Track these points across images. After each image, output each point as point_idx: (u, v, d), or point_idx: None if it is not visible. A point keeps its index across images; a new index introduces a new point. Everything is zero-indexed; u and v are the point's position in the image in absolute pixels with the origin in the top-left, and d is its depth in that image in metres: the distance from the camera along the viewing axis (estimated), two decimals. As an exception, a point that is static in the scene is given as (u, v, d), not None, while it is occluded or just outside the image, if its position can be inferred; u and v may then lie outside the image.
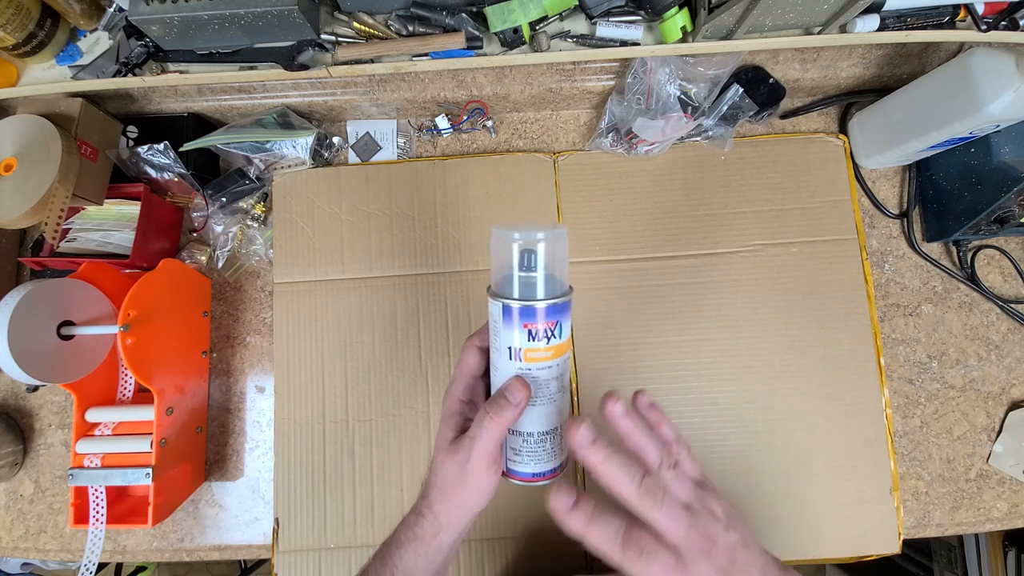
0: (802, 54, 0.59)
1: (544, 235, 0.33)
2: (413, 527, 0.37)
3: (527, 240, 0.33)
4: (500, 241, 0.34)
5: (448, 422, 0.37)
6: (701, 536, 0.30)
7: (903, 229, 0.63)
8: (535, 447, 0.35)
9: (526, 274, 0.33)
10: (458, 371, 0.38)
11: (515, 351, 0.33)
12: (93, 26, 0.53)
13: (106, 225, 0.59)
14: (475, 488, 0.35)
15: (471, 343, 0.38)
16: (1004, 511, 0.58)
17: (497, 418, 0.33)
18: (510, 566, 0.57)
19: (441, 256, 0.62)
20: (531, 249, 0.33)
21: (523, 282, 0.33)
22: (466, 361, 0.37)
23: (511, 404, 0.33)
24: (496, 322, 0.34)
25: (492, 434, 0.33)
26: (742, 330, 0.60)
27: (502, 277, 0.34)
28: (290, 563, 0.57)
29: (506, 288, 0.34)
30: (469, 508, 0.36)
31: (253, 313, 0.65)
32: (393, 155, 0.66)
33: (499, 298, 0.33)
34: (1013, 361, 0.61)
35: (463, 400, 0.37)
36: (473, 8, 0.49)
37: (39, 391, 0.64)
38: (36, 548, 0.61)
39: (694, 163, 0.63)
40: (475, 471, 0.34)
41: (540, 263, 0.33)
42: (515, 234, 0.33)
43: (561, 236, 0.34)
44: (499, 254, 0.34)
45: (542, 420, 0.35)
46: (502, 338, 0.34)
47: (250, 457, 0.62)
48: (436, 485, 0.36)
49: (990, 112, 0.47)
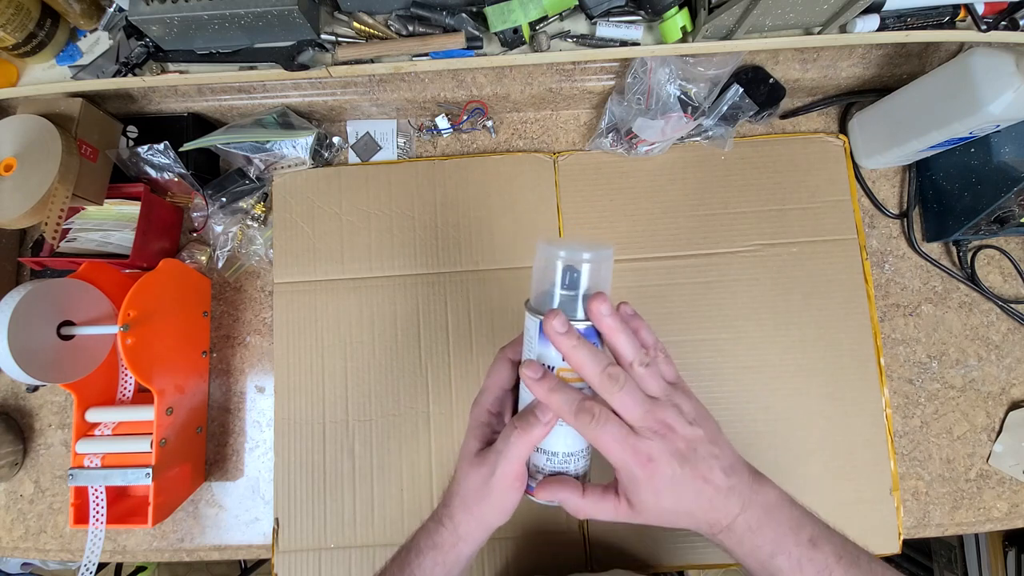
0: (802, 54, 0.59)
1: (591, 255, 0.32)
2: (433, 535, 0.36)
3: (573, 258, 0.32)
4: (544, 256, 0.33)
5: (475, 432, 0.37)
6: (657, 421, 0.31)
7: (903, 229, 0.63)
8: (559, 467, 0.35)
9: (567, 292, 0.32)
10: (488, 382, 0.37)
11: (548, 369, 0.33)
12: (93, 26, 0.53)
13: (106, 225, 0.59)
14: (498, 503, 0.34)
15: (504, 355, 0.37)
16: (1004, 511, 0.58)
17: (525, 435, 0.33)
18: (510, 566, 0.57)
19: (441, 256, 0.62)
20: (575, 268, 0.32)
21: (564, 300, 0.32)
22: (497, 373, 0.37)
23: (540, 422, 0.32)
24: (531, 338, 0.33)
25: (519, 451, 0.33)
26: (742, 330, 0.60)
27: (542, 292, 0.33)
28: (290, 563, 0.57)
29: (546, 305, 0.33)
30: (490, 522, 0.36)
31: (253, 313, 0.65)
32: (393, 155, 0.66)
33: (537, 315, 0.32)
34: (1013, 361, 0.61)
35: (491, 412, 0.37)
36: (473, 8, 0.49)
37: (39, 391, 0.64)
38: (36, 548, 0.61)
39: (694, 163, 0.63)
40: (499, 486, 0.34)
41: (584, 283, 0.32)
42: (561, 251, 0.32)
43: (607, 257, 0.33)
44: (541, 269, 0.33)
45: (568, 440, 0.34)
46: (536, 354, 0.33)
47: (250, 457, 0.62)
48: (459, 495, 0.36)
49: (990, 112, 0.47)
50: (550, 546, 0.57)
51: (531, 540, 0.57)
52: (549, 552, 0.57)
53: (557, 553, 0.57)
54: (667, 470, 0.31)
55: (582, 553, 0.57)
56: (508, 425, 0.34)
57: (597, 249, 0.32)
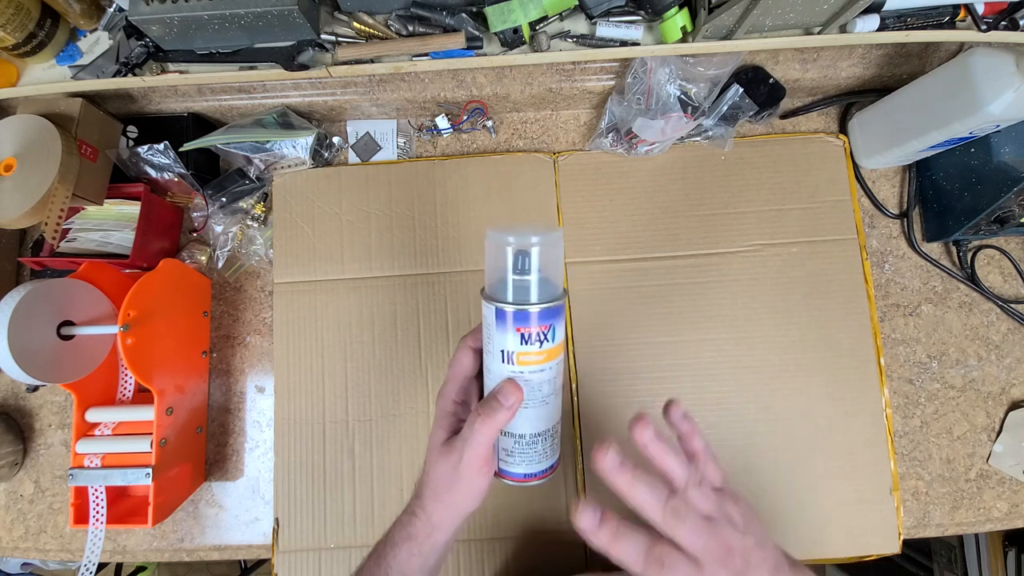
0: (802, 54, 0.59)
1: (539, 239, 0.32)
2: (407, 527, 0.37)
3: (522, 243, 0.32)
4: (494, 243, 0.33)
5: (441, 423, 0.37)
6: (719, 546, 0.31)
7: (903, 229, 0.63)
8: (527, 448, 0.35)
9: (520, 277, 0.33)
10: (451, 372, 0.38)
11: (508, 354, 0.33)
12: (93, 26, 0.53)
13: (106, 225, 0.59)
14: (467, 489, 0.35)
15: (465, 344, 0.38)
16: (1004, 511, 0.58)
17: (489, 420, 0.33)
18: (510, 566, 0.57)
19: (441, 256, 0.62)
20: (526, 252, 0.32)
21: (517, 285, 0.33)
22: (460, 362, 0.38)
23: (503, 407, 0.33)
24: (489, 325, 0.34)
25: (484, 437, 0.34)
26: (742, 330, 0.60)
27: (496, 280, 0.34)
28: (290, 563, 0.57)
29: (500, 291, 0.33)
30: (461, 508, 0.36)
31: (253, 313, 0.65)
32: (393, 155, 0.66)
33: (493, 301, 0.33)
34: (1013, 361, 0.61)
35: (456, 401, 0.37)
36: (473, 8, 0.49)
37: (39, 391, 0.64)
38: (36, 548, 0.61)
39: (694, 163, 0.63)
40: (467, 472, 0.35)
41: (534, 267, 0.32)
42: (510, 237, 0.32)
43: (556, 240, 0.33)
44: (493, 256, 0.34)
45: (534, 422, 0.35)
46: (495, 341, 0.34)
47: (250, 457, 0.62)
48: (429, 485, 0.36)
49: (990, 112, 0.47)
50: (549, 547, 0.57)
51: (530, 540, 0.57)
52: (548, 552, 0.57)
53: (556, 553, 0.57)
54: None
55: (582, 554, 0.57)
56: (473, 412, 0.34)
57: (546, 232, 0.32)
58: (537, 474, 0.36)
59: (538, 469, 0.36)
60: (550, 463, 0.37)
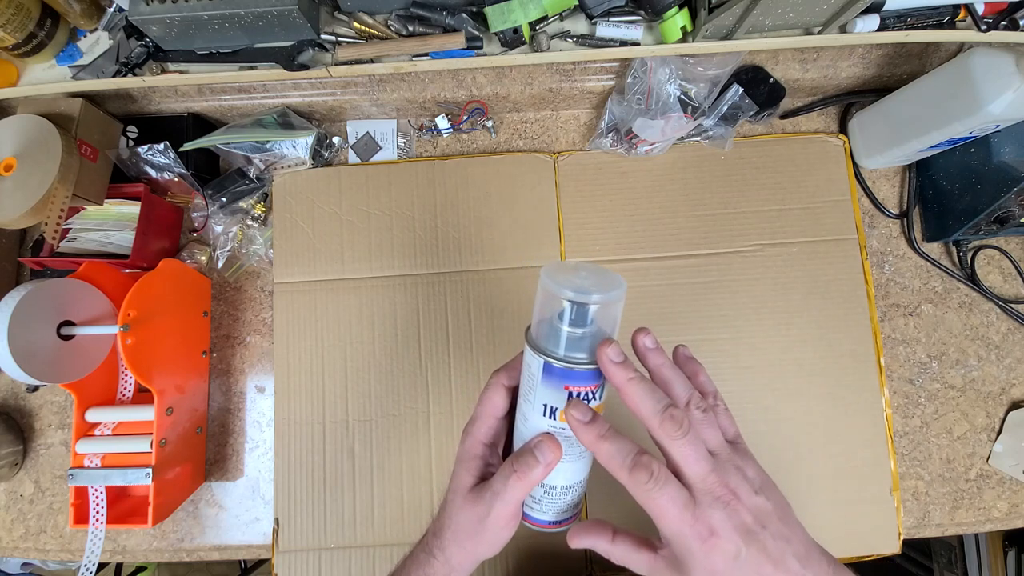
0: (802, 54, 0.59)
1: (601, 296, 0.29)
2: (424, 566, 0.35)
3: (583, 298, 0.28)
4: (550, 288, 0.29)
5: (467, 465, 0.35)
6: (721, 485, 0.27)
7: (903, 229, 0.63)
8: (556, 499, 0.34)
9: (574, 330, 0.29)
10: (481, 409, 0.35)
11: (551, 409, 0.30)
12: (93, 26, 0.53)
13: (106, 225, 0.59)
14: (491, 539, 0.33)
15: (498, 381, 0.35)
16: (1004, 511, 0.58)
17: (524, 478, 0.31)
18: (510, 568, 0.57)
19: (441, 256, 0.62)
20: (585, 305, 0.29)
21: (570, 338, 0.29)
22: (491, 400, 0.34)
23: (540, 464, 0.31)
24: (533, 376, 0.30)
25: (517, 493, 0.31)
26: (742, 330, 0.60)
27: (547, 327, 0.30)
28: (290, 563, 0.57)
29: (550, 341, 0.30)
30: (480, 556, 0.35)
31: (253, 313, 0.65)
32: (393, 155, 0.66)
33: (541, 353, 0.29)
34: (1013, 361, 0.61)
35: (485, 443, 0.35)
36: (473, 8, 0.49)
37: (39, 391, 0.64)
38: (36, 548, 0.61)
39: (694, 163, 0.63)
40: (494, 526, 0.33)
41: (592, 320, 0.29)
42: (568, 291, 0.28)
43: (620, 296, 0.29)
44: (546, 300, 0.30)
45: (568, 475, 0.33)
46: (538, 393, 0.31)
47: (250, 457, 0.62)
48: (451, 529, 0.34)
49: (990, 112, 0.47)
50: (550, 549, 0.57)
51: (531, 543, 0.57)
52: (549, 555, 0.57)
53: (557, 556, 0.57)
54: (730, 547, 0.27)
55: (582, 556, 0.57)
56: (506, 465, 0.32)
57: (609, 288, 0.29)
58: (562, 522, 0.34)
59: (564, 518, 0.34)
60: (575, 512, 0.35)
